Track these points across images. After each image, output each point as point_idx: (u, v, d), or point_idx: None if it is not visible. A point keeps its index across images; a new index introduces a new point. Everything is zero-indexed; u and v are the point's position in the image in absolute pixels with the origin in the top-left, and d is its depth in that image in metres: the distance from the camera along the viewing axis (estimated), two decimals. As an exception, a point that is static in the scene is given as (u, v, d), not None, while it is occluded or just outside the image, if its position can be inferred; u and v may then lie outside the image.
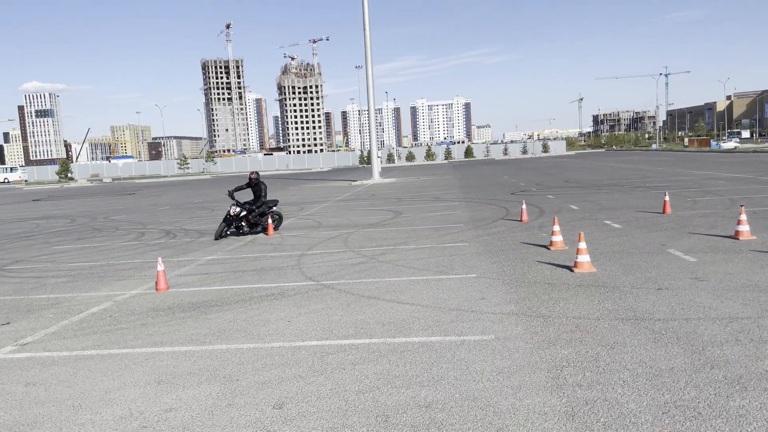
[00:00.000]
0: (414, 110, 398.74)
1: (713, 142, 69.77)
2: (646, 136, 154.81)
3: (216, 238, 14.57)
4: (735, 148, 68.39)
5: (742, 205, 11.85)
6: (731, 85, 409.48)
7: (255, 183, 15.42)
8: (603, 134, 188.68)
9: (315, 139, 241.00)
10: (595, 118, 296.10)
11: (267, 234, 15.06)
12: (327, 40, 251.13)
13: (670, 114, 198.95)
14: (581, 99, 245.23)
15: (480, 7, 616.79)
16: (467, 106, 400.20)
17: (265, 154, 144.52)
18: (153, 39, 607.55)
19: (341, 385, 4.97)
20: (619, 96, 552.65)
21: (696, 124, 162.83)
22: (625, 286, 7.72)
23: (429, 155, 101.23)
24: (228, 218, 14.86)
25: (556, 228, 10.86)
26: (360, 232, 14.69)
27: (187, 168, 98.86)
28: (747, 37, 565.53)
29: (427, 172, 53.24)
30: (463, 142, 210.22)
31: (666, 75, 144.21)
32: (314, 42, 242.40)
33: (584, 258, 8.71)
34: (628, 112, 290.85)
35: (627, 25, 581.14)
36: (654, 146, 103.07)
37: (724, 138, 77.77)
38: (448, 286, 8.26)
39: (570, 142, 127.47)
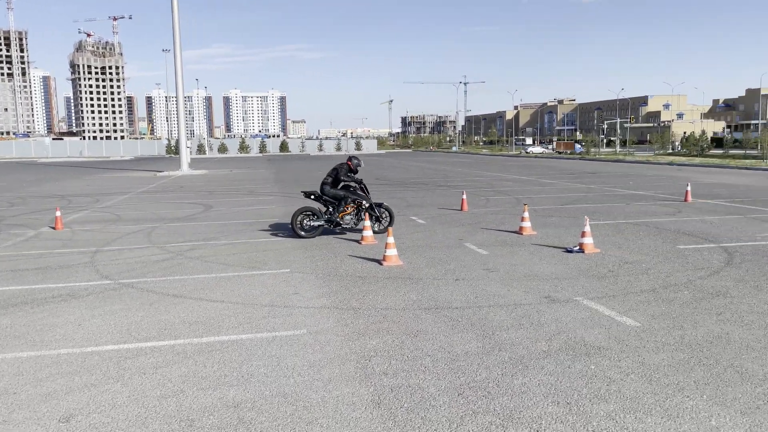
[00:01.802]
0: (227, 100, 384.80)
1: (577, 146, 76.97)
2: (448, 139, 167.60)
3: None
4: (543, 152, 77.40)
5: (525, 204, 13.42)
6: (519, 96, 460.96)
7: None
8: (410, 135, 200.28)
9: (115, 124, 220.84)
10: (404, 120, 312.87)
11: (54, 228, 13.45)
12: (130, 18, 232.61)
13: (468, 119, 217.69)
14: (391, 101, 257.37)
15: (296, 2, 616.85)
16: (283, 99, 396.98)
17: (53, 139, 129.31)
18: None
19: (140, 392, 4.60)
20: (425, 100, 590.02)
21: (489, 129, 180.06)
22: (428, 277, 8.26)
23: (243, 148, 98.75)
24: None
25: (367, 223, 11.27)
26: (166, 227, 13.81)
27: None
28: (532, 54, 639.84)
29: (241, 165, 51.86)
30: (278, 136, 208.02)
31: (465, 84, 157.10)
32: (114, 19, 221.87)
33: (392, 252, 9.17)
34: (432, 115, 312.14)
35: (432, 34, 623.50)
36: (454, 149, 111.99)
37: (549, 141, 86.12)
38: (261, 282, 8.12)
39: (381, 142, 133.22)
